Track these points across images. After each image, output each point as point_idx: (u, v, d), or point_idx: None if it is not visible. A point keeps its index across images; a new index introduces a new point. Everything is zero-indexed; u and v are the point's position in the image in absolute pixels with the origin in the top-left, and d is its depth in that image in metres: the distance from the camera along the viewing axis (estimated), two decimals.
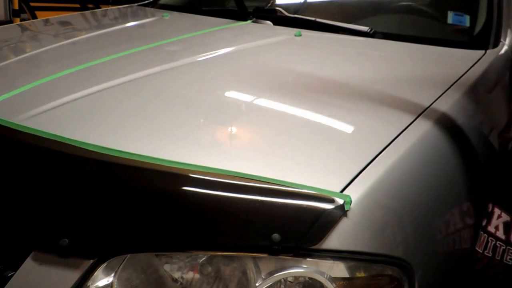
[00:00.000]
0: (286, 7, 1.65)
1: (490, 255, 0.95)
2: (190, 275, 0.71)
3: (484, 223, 0.97)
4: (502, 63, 1.43)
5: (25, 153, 0.81)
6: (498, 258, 0.94)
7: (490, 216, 0.96)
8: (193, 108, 0.98)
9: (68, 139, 0.80)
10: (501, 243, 0.94)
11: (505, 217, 0.94)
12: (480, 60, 1.33)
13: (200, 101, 1.02)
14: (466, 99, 1.12)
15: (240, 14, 1.64)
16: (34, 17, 4.09)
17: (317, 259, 0.69)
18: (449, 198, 0.91)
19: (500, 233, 0.94)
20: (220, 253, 0.70)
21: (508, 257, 0.93)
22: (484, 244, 0.96)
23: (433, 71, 1.29)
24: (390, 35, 1.51)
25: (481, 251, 0.96)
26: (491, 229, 0.95)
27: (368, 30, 1.51)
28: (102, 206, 0.72)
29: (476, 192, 1.01)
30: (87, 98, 0.98)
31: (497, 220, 0.95)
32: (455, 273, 0.93)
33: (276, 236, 0.66)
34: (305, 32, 1.52)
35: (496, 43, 1.46)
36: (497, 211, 0.95)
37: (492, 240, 0.95)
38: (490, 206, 0.97)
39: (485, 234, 0.96)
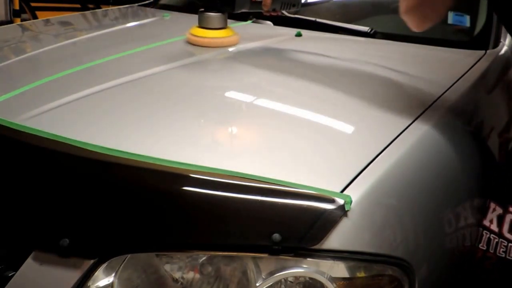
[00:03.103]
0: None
1: (484, 248, 0.95)
2: (190, 275, 0.71)
3: (479, 217, 0.98)
4: (502, 63, 1.43)
5: (25, 153, 0.81)
6: (492, 251, 0.95)
7: (486, 210, 0.97)
8: (194, 108, 0.98)
9: (68, 139, 0.80)
10: (494, 236, 0.94)
11: (498, 210, 0.94)
12: (480, 61, 1.33)
13: (201, 101, 1.02)
14: (466, 99, 1.12)
15: (240, 14, 1.64)
16: (35, 17, 4.09)
17: (317, 259, 0.69)
18: (450, 198, 0.91)
19: (494, 226, 0.95)
20: (220, 253, 0.70)
21: (501, 249, 0.93)
22: (479, 237, 0.97)
23: (433, 71, 1.29)
24: (390, 35, 1.51)
25: (476, 245, 0.97)
26: (486, 222, 0.96)
27: (369, 30, 1.52)
28: (102, 206, 0.72)
29: (477, 192, 1.01)
30: (87, 98, 0.98)
31: (492, 213, 0.96)
32: (457, 273, 0.93)
33: (276, 236, 0.66)
34: (305, 32, 1.52)
35: (496, 44, 1.47)
36: (492, 205, 0.96)
37: (486, 233, 0.96)
38: (488, 201, 0.98)
39: (480, 228, 0.97)
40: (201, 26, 1.34)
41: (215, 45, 1.33)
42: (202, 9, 1.34)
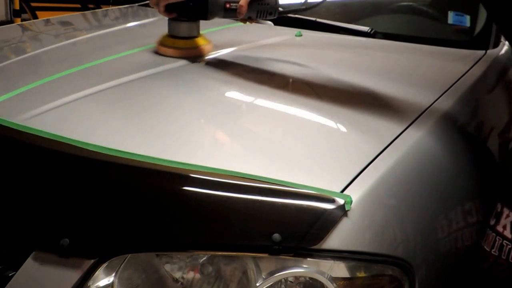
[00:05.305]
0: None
1: (496, 254, 0.95)
2: (190, 275, 0.71)
3: (493, 222, 0.98)
4: (503, 63, 1.43)
5: (25, 153, 0.81)
6: (504, 257, 0.95)
7: (499, 215, 0.97)
8: (194, 108, 0.98)
9: (68, 139, 0.80)
10: (507, 242, 0.95)
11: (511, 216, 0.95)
12: (481, 60, 1.33)
13: (201, 101, 1.02)
14: (466, 99, 1.12)
15: None
16: (35, 17, 4.09)
17: (317, 259, 0.69)
18: (451, 198, 0.91)
19: (507, 232, 0.95)
20: (220, 253, 0.70)
21: None
22: (492, 243, 0.97)
23: (434, 71, 1.29)
24: (390, 35, 1.51)
25: (488, 250, 0.97)
26: (499, 228, 0.96)
27: (369, 30, 1.52)
28: (102, 206, 0.72)
29: (479, 191, 1.01)
30: (88, 98, 0.98)
31: (505, 219, 0.96)
32: (457, 273, 0.93)
33: (276, 236, 0.66)
34: (305, 32, 1.52)
35: (496, 43, 1.47)
36: (506, 211, 0.96)
37: (499, 239, 0.96)
38: (500, 206, 0.98)
39: (493, 233, 0.97)
40: (171, 35, 1.25)
41: (185, 55, 1.23)
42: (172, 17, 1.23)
